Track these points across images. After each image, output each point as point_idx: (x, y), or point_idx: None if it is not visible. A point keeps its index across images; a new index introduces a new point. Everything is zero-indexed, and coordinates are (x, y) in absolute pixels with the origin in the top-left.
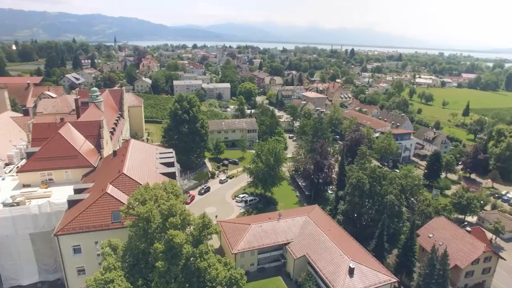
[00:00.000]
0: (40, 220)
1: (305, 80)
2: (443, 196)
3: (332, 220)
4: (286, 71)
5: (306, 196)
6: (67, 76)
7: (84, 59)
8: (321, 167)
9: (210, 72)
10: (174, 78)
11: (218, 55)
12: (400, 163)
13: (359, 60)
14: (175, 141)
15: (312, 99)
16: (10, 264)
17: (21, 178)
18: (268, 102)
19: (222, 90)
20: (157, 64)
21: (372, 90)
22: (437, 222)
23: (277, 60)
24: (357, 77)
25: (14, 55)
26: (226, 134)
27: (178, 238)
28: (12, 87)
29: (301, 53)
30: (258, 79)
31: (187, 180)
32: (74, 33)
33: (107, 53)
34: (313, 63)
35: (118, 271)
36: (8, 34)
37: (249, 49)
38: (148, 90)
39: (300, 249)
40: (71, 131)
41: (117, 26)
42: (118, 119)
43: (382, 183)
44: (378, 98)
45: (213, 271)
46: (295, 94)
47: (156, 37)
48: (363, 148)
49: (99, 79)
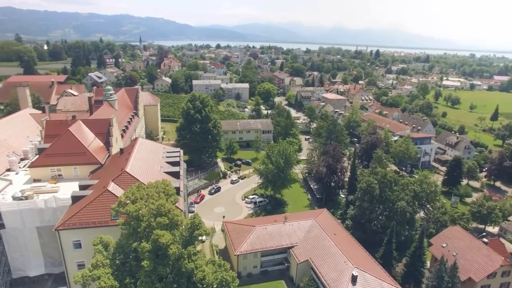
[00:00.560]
0: (46, 214)
1: (326, 81)
2: (463, 204)
3: (340, 225)
4: (308, 72)
5: (317, 199)
6: (90, 75)
7: (108, 59)
8: (334, 170)
9: (231, 72)
10: (193, 77)
11: (240, 55)
12: (419, 168)
13: (384, 61)
14: (187, 140)
15: (332, 101)
16: (19, 255)
17: (32, 173)
18: (287, 103)
19: (240, 90)
20: (178, 63)
21: (395, 92)
22: (451, 232)
23: (299, 60)
24: (381, 79)
25: (45, 55)
26: (240, 134)
27: (163, 238)
28: (38, 85)
29: (325, 54)
30: (278, 80)
31: (197, 180)
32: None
33: (132, 53)
34: (336, 64)
35: (106, 268)
36: (42, 35)
37: (272, 50)
38: (168, 89)
39: (303, 253)
40: (81, 129)
41: (144, 26)
42: (132, 117)
43: (393, 188)
44: (400, 101)
45: (199, 273)
46: (314, 95)
47: (181, 37)
48: (379, 151)
49: (120, 78)
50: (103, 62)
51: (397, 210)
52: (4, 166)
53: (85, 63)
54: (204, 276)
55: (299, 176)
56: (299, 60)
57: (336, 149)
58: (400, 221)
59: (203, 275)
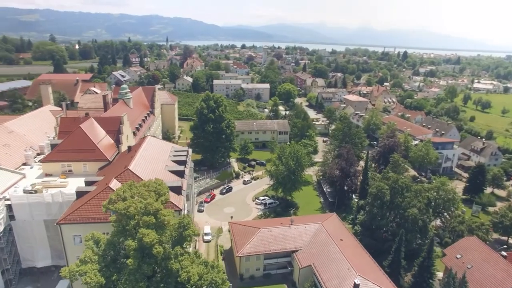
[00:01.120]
0: (53, 208)
1: (350, 82)
2: (486, 214)
3: (348, 231)
4: (331, 73)
5: (329, 203)
6: (113, 74)
7: (134, 58)
8: (347, 173)
9: (254, 72)
10: (214, 77)
11: (263, 55)
12: (440, 174)
13: (412, 63)
14: (200, 140)
15: (353, 103)
16: (27, 246)
17: (44, 168)
18: (308, 104)
19: (261, 90)
20: (202, 63)
21: (421, 95)
22: (467, 242)
23: (324, 62)
24: (407, 81)
25: (76, 54)
26: (257, 134)
27: (147, 237)
28: (64, 83)
29: (351, 55)
30: (300, 81)
31: (209, 179)
32: (133, 33)
33: (158, 52)
34: (361, 65)
35: (94, 264)
36: (76, 35)
37: (297, 50)
38: (189, 88)
39: (307, 258)
40: (93, 126)
41: (172, 26)
42: (147, 116)
43: (404, 194)
44: (425, 104)
45: (183, 273)
46: (336, 96)
47: (208, 37)
48: (396, 156)
49: (143, 77)
50: (128, 61)
51: (408, 217)
52: (20, 160)
53: (111, 62)
54: (189, 277)
55: (313, 179)
56: (324, 61)
57: (350, 152)
58: (411, 229)
59: (187, 276)
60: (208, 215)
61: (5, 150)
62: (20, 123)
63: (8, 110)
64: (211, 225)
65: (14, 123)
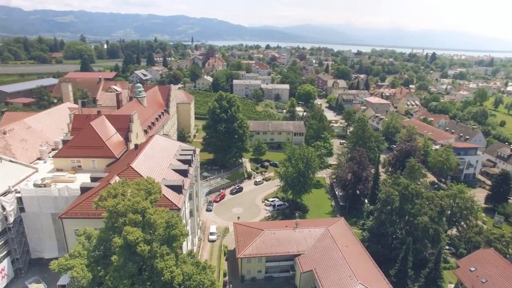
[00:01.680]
0: (60, 202)
1: (372, 84)
2: (509, 225)
3: (354, 236)
4: (354, 75)
5: (341, 207)
6: (136, 72)
7: (158, 57)
8: (359, 177)
9: (276, 73)
10: (234, 77)
11: (286, 56)
12: (461, 181)
13: (441, 65)
14: (212, 139)
15: (374, 105)
16: (36, 237)
17: (55, 163)
18: (328, 105)
19: (280, 91)
20: (223, 63)
21: (448, 98)
22: (483, 254)
23: (349, 63)
24: (434, 83)
25: (104, 53)
26: (272, 135)
27: (131, 235)
28: (87, 81)
29: (377, 56)
30: (321, 82)
31: (220, 179)
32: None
33: (182, 52)
34: (387, 67)
35: (82, 259)
36: (106, 35)
37: (322, 51)
38: (208, 88)
39: (309, 263)
40: (103, 123)
41: (199, 26)
42: (161, 114)
43: (414, 201)
44: (451, 107)
45: (167, 273)
46: (357, 98)
47: (234, 37)
48: (412, 160)
49: (163, 76)
50: (152, 61)
51: (418, 225)
52: (35, 155)
53: (136, 61)
54: (172, 277)
55: (326, 181)
56: (348, 63)
57: (363, 156)
58: (421, 238)
59: (171, 275)
60: (216, 215)
61: (22, 144)
62: (38, 120)
63: (35, 107)
64: (218, 225)
65: (33, 119)
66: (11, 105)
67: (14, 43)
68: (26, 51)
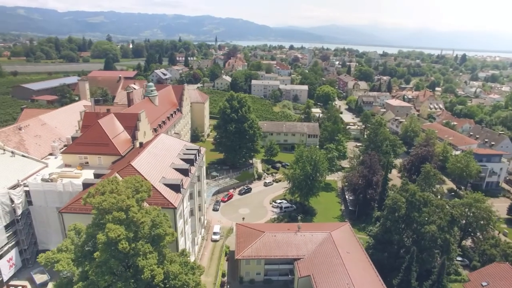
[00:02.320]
0: (64, 197)
1: (395, 86)
2: None
3: (358, 243)
4: (376, 76)
5: (350, 212)
6: (155, 72)
7: (180, 57)
8: (369, 182)
9: (297, 74)
10: (253, 77)
11: (308, 57)
12: (483, 189)
13: (471, 67)
14: (223, 139)
15: (394, 108)
16: (43, 230)
17: (64, 159)
18: (348, 107)
19: (299, 92)
20: (244, 63)
21: (476, 101)
22: (497, 269)
23: (373, 64)
24: (463, 86)
25: (129, 52)
26: (286, 136)
27: (113, 232)
28: (108, 80)
29: (403, 57)
30: (342, 83)
31: (229, 179)
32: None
33: (205, 51)
34: (413, 69)
35: (69, 253)
36: (134, 34)
37: (346, 52)
38: (227, 88)
39: (307, 268)
40: (111, 121)
41: (224, 26)
42: (174, 113)
43: (422, 209)
44: (477, 111)
45: (147, 271)
46: (378, 101)
47: (259, 37)
48: (428, 166)
49: (183, 75)
50: (174, 60)
51: (425, 234)
52: (48, 150)
53: (157, 60)
54: (153, 275)
55: (337, 185)
56: (373, 64)
57: (374, 160)
58: (427, 247)
59: (151, 274)
60: (222, 215)
61: (36, 140)
62: (53, 116)
63: (58, 104)
64: (223, 225)
65: (48, 116)
66: (36, 102)
67: (46, 43)
68: (57, 50)
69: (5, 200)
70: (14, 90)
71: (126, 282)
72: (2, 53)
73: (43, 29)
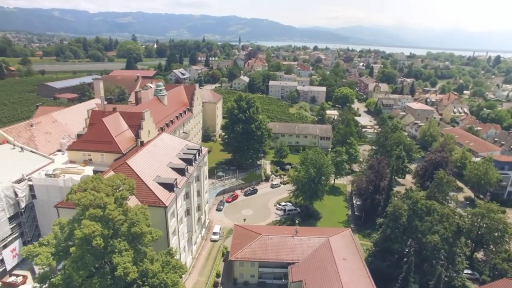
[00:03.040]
0: (65, 192)
1: (418, 89)
2: None
3: (357, 250)
4: (400, 79)
5: (356, 217)
6: (174, 71)
7: (202, 57)
8: (376, 187)
9: (318, 75)
10: (271, 78)
11: (331, 58)
12: (504, 198)
13: (506, 69)
14: (230, 139)
15: (415, 111)
16: (46, 223)
17: (69, 155)
18: (367, 110)
19: (316, 93)
20: (264, 63)
21: (508, 105)
22: (506, 285)
23: (399, 66)
24: (495, 89)
25: (153, 52)
26: (297, 138)
27: (87, 228)
28: (126, 79)
29: (431, 59)
30: (363, 85)
31: (235, 179)
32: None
33: (228, 52)
34: (440, 71)
35: (49, 247)
36: (161, 34)
37: (371, 53)
38: (244, 88)
39: (300, 273)
40: (116, 120)
41: (249, 26)
42: (183, 113)
43: (424, 218)
44: (505, 116)
45: (120, 269)
46: (398, 103)
47: (284, 38)
48: (441, 172)
49: (201, 75)
50: (195, 60)
51: (427, 244)
52: (56, 146)
53: (178, 60)
54: (126, 273)
55: (347, 189)
56: (398, 66)
57: (381, 164)
58: (429, 258)
59: (124, 272)
60: (225, 215)
61: (45, 137)
62: (65, 114)
63: (77, 102)
64: (224, 226)
65: (59, 114)
66: (58, 99)
67: (75, 43)
68: (85, 50)
69: (9, 193)
70: (39, 88)
71: (103, 278)
72: (35, 52)
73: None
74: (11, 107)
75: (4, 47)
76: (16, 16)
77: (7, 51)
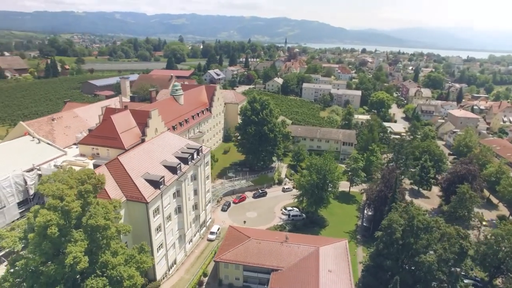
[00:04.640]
0: None
1: (468, 95)
2: None
3: (348, 263)
4: (448, 84)
5: (364, 228)
6: (209, 72)
7: (242, 58)
8: (384, 198)
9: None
10: (306, 80)
11: (375, 61)
12: None
13: None
14: (244, 140)
15: (458, 119)
16: None
17: (80, 149)
18: (405, 116)
19: (351, 97)
20: (303, 66)
21: None
22: None
23: (452, 70)
24: None
25: (198, 52)
26: (319, 142)
27: (42, 217)
28: (161, 78)
29: (493, 63)
30: (405, 90)
31: (245, 181)
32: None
33: (271, 53)
34: (500, 76)
35: (17, 232)
36: (212, 36)
37: (424, 57)
38: (277, 90)
39: (281, 281)
40: (125, 117)
41: (299, 28)
42: (201, 112)
43: (420, 236)
44: None
45: (70, 257)
46: (441, 110)
47: (333, 40)
48: (464, 187)
49: (235, 76)
50: (234, 61)
51: (421, 264)
52: (72, 140)
53: (218, 61)
54: (76, 262)
55: (362, 198)
56: (451, 70)
57: (392, 174)
58: (423, 279)
59: (74, 261)
60: (228, 216)
61: (64, 130)
62: (87, 110)
63: None
64: (225, 226)
65: (82, 109)
66: (97, 96)
67: (126, 44)
68: (135, 50)
69: (19, 181)
70: (83, 85)
71: (59, 265)
72: (92, 52)
73: (133, 31)
74: (55, 102)
75: (66, 48)
76: (84, 19)
77: (68, 51)
